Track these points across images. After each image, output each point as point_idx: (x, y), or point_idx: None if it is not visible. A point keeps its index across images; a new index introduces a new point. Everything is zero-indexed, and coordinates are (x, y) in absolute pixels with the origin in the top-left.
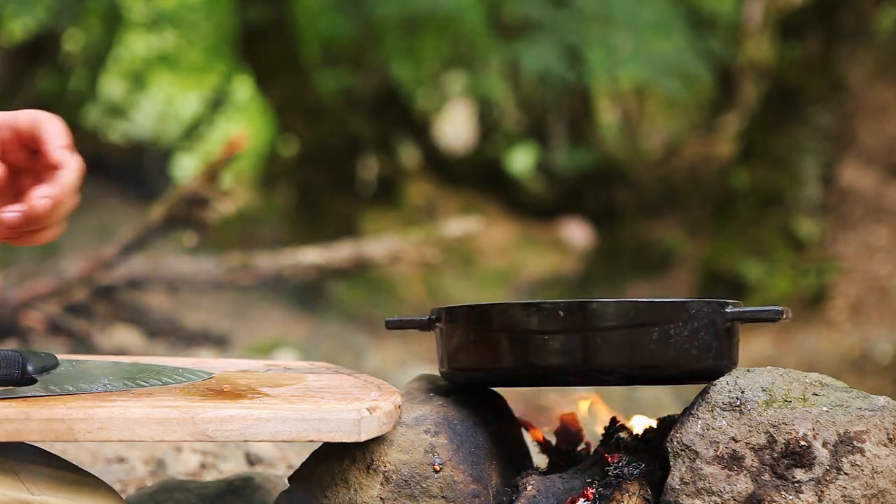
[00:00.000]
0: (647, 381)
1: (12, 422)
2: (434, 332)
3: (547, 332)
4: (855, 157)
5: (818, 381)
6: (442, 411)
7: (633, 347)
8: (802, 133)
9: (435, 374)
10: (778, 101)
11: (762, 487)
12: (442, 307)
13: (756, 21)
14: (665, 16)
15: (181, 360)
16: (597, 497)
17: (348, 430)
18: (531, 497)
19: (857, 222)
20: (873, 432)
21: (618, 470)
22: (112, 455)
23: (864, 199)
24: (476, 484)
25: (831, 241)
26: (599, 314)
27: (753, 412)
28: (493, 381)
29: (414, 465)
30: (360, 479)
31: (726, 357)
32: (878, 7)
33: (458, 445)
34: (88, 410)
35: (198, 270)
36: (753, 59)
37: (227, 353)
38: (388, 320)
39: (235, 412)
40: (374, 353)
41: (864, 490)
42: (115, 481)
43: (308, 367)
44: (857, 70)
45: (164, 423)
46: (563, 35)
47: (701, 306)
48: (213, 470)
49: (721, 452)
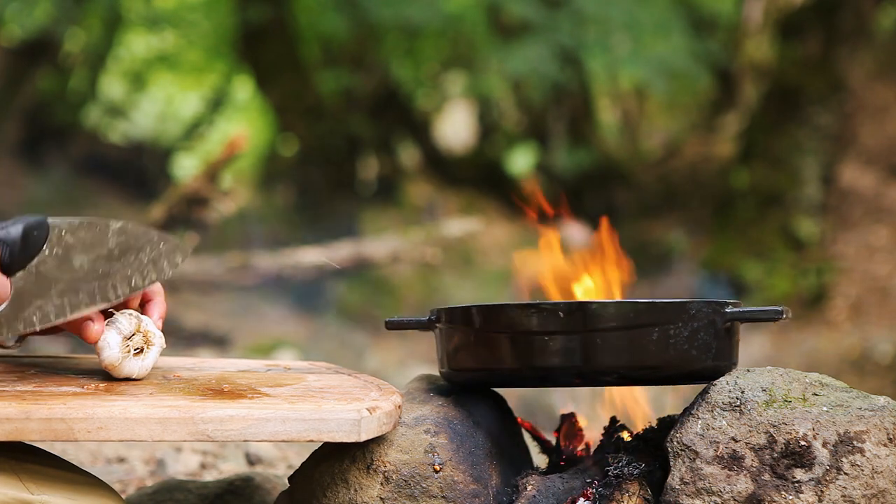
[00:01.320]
0: (647, 382)
1: (12, 421)
2: (434, 333)
3: (547, 333)
4: (855, 157)
5: (818, 381)
6: (442, 411)
7: (633, 348)
8: (802, 133)
9: (435, 374)
10: (778, 101)
11: (762, 487)
12: (441, 308)
13: (756, 21)
14: (664, 16)
15: (181, 360)
16: (597, 497)
17: (348, 430)
18: (531, 497)
19: (857, 222)
20: (873, 432)
21: (618, 470)
22: (112, 455)
23: (864, 199)
24: (476, 484)
25: (831, 241)
26: (599, 315)
27: (753, 412)
28: (493, 381)
29: (414, 465)
30: (360, 479)
31: (726, 357)
32: (878, 7)
33: (458, 445)
34: (88, 410)
35: (198, 270)
36: (753, 59)
37: (227, 353)
38: (387, 321)
39: (235, 412)
40: (374, 353)
41: (864, 490)
42: (115, 481)
43: (308, 367)
44: (857, 70)
45: (163, 423)
46: (561, 36)
47: (700, 307)
48: (213, 470)
49: (721, 452)
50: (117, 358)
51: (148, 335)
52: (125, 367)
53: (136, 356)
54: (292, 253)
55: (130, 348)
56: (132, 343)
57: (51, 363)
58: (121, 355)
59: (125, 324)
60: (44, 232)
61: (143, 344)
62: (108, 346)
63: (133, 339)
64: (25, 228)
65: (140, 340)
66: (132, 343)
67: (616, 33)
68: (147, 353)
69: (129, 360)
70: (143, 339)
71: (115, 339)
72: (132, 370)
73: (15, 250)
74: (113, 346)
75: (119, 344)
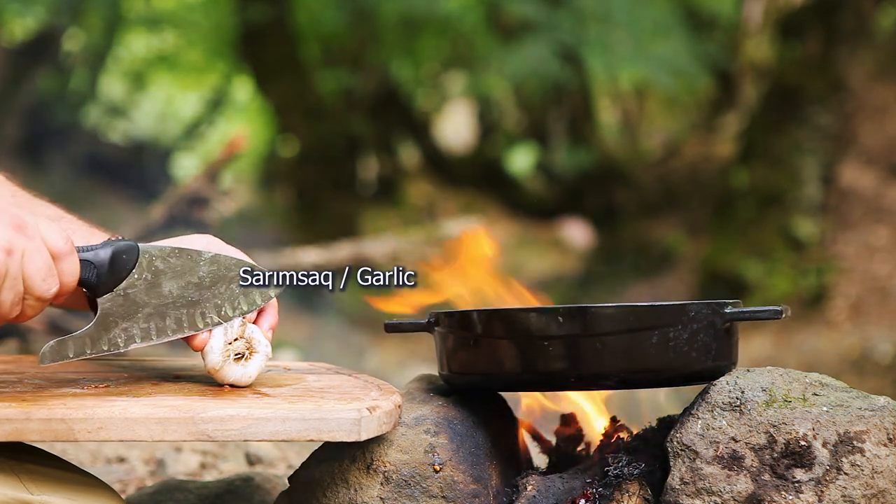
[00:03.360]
0: (647, 385)
1: (12, 422)
2: (433, 336)
3: (547, 338)
4: (855, 157)
5: (818, 381)
6: (442, 411)
7: (633, 351)
8: (802, 133)
9: (435, 374)
10: (778, 101)
11: (762, 487)
12: (440, 311)
13: (756, 21)
14: (664, 16)
15: (181, 360)
16: (597, 497)
17: (348, 429)
18: (531, 497)
19: (857, 222)
20: (873, 432)
21: (618, 470)
22: (112, 455)
23: (864, 199)
24: (476, 484)
25: (831, 241)
26: (599, 319)
27: (753, 412)
28: (493, 385)
29: (414, 465)
30: (360, 479)
31: (726, 357)
32: (878, 7)
33: (458, 445)
34: (88, 410)
35: None
36: (753, 59)
37: None
38: (386, 323)
39: (235, 412)
40: (374, 353)
41: (864, 490)
42: (115, 481)
43: (308, 367)
44: (857, 70)
45: (163, 423)
46: (561, 35)
47: (700, 308)
48: (213, 470)
49: (721, 452)
50: (218, 362)
51: (252, 342)
52: (226, 372)
53: (236, 362)
54: (292, 253)
55: (231, 353)
56: (233, 348)
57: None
58: (222, 360)
59: (230, 330)
60: (133, 256)
61: (246, 350)
62: (211, 351)
63: (235, 344)
64: (115, 252)
65: (242, 346)
66: (233, 348)
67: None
68: (250, 359)
69: (231, 365)
70: (245, 346)
71: (218, 345)
72: (234, 376)
73: (103, 272)
74: (215, 350)
75: (221, 349)
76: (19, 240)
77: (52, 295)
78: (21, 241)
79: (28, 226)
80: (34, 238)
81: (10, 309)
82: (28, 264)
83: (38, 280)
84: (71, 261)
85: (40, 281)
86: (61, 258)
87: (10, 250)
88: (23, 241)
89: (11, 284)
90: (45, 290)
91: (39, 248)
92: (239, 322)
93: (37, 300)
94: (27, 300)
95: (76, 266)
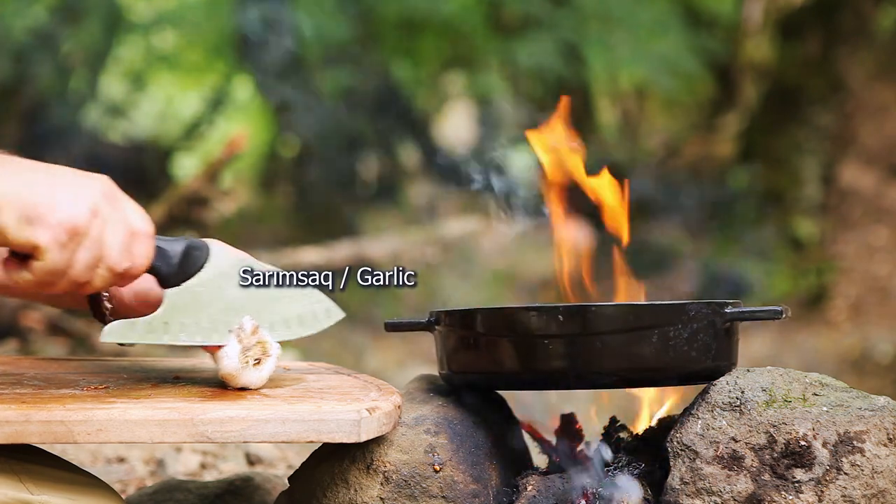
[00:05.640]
0: (647, 384)
1: (12, 424)
2: (433, 335)
3: (547, 337)
4: (855, 157)
5: (818, 381)
6: (442, 411)
7: (634, 350)
8: (802, 133)
9: (435, 374)
10: (778, 101)
11: (762, 487)
12: (441, 310)
13: (756, 21)
14: (664, 15)
15: (181, 360)
16: (597, 497)
17: (348, 430)
18: (531, 497)
19: (857, 222)
20: (873, 432)
21: (618, 470)
22: (112, 455)
23: (864, 199)
24: (476, 484)
25: (831, 241)
26: (599, 318)
27: (753, 412)
28: (493, 384)
29: (414, 465)
30: (360, 479)
31: (726, 357)
32: (878, 7)
33: (458, 445)
34: (88, 413)
35: None
36: (753, 59)
37: None
38: (386, 322)
39: (235, 413)
40: (374, 353)
41: (864, 490)
42: (115, 481)
43: (308, 367)
44: (857, 70)
45: (163, 425)
46: (562, 33)
47: (700, 308)
48: (213, 470)
49: (721, 452)
50: (236, 368)
51: (265, 344)
52: (243, 377)
53: (254, 367)
54: (292, 253)
55: (249, 359)
56: (251, 354)
57: (50, 365)
58: (240, 365)
59: (243, 334)
60: (204, 254)
61: (262, 354)
62: (227, 356)
63: (252, 350)
64: (188, 247)
65: (258, 351)
66: (251, 354)
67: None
68: (265, 363)
69: (248, 370)
70: (261, 350)
71: (234, 350)
72: (250, 380)
73: (173, 264)
74: (232, 356)
75: (237, 354)
76: (106, 207)
77: (123, 269)
78: (107, 209)
79: (117, 197)
80: (120, 210)
81: (83, 272)
82: (109, 233)
83: (115, 250)
84: (148, 243)
85: (117, 252)
86: (140, 238)
87: (96, 212)
88: (109, 209)
89: (90, 245)
90: (118, 262)
91: (123, 220)
92: (251, 326)
93: (108, 270)
94: (99, 269)
95: (151, 250)
